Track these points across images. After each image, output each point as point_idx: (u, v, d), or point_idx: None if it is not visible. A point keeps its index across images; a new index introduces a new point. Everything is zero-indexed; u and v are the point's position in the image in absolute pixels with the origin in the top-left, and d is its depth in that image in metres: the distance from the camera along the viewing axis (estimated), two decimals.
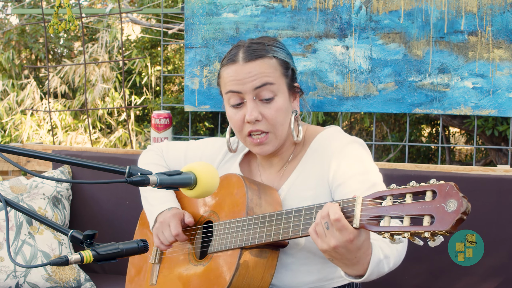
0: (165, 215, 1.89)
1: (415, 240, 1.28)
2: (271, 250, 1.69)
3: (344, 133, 1.82)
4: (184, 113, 7.51)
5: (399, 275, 2.39)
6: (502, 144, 5.46)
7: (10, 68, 8.66)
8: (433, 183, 1.26)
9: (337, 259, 1.43)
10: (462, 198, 1.21)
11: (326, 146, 1.76)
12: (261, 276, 1.68)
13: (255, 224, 1.65)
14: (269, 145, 1.76)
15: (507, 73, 2.49)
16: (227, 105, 1.79)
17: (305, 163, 1.78)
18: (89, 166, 1.35)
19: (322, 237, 1.42)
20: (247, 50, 1.74)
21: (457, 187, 1.23)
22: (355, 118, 7.84)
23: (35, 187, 2.66)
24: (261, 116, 1.72)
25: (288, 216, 1.57)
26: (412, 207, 1.27)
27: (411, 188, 1.30)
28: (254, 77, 1.71)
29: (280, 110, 1.74)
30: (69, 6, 3.06)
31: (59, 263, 1.28)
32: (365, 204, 1.36)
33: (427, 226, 1.23)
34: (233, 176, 1.79)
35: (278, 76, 1.74)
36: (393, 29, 2.60)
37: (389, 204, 1.31)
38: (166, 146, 2.13)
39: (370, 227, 1.33)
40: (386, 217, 1.30)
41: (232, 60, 1.75)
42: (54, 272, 2.49)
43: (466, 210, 1.20)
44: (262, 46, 1.75)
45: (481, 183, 2.30)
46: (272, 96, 1.72)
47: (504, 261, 2.28)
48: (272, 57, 1.74)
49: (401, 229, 1.27)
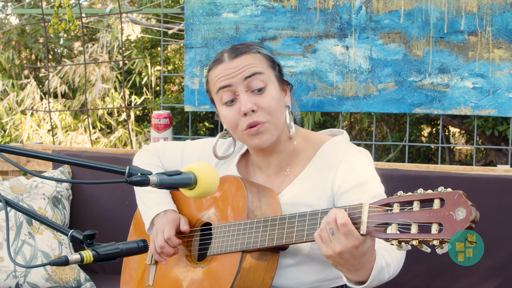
0: (161, 221, 1.88)
1: (423, 247, 1.28)
2: (271, 253, 1.69)
3: (351, 144, 1.82)
4: (184, 113, 7.51)
5: (399, 275, 2.38)
6: (502, 144, 5.46)
7: (10, 68, 8.66)
8: (441, 191, 1.26)
9: (341, 265, 1.43)
10: (471, 207, 1.22)
11: (333, 156, 1.75)
12: (261, 279, 1.67)
13: (257, 227, 1.64)
14: (267, 134, 1.73)
15: (507, 73, 2.49)
16: (219, 105, 1.77)
17: (311, 170, 1.77)
18: (89, 166, 1.35)
19: (327, 242, 1.41)
20: (230, 50, 1.77)
21: (465, 195, 1.23)
22: (355, 118, 7.84)
23: (35, 187, 2.66)
24: (256, 107, 1.70)
25: (292, 221, 1.57)
26: (420, 215, 1.27)
27: (418, 196, 1.29)
28: (243, 69, 1.72)
29: (274, 99, 1.73)
30: (69, 6, 3.06)
31: (59, 263, 1.28)
32: (372, 211, 1.35)
33: (436, 234, 1.23)
34: (232, 177, 1.78)
35: (265, 67, 1.75)
36: (393, 29, 2.60)
37: (397, 211, 1.31)
38: (162, 146, 2.11)
39: (377, 234, 1.33)
40: (393, 224, 1.30)
41: (218, 60, 1.77)
42: (54, 272, 2.49)
43: (475, 218, 1.21)
44: (244, 45, 1.79)
45: (481, 183, 2.30)
46: (263, 86, 1.72)
47: (504, 261, 2.28)
48: (257, 52, 1.77)
49: (409, 236, 1.27)
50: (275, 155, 1.83)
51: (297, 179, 1.78)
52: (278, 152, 1.82)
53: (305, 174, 1.77)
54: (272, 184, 1.83)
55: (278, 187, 1.82)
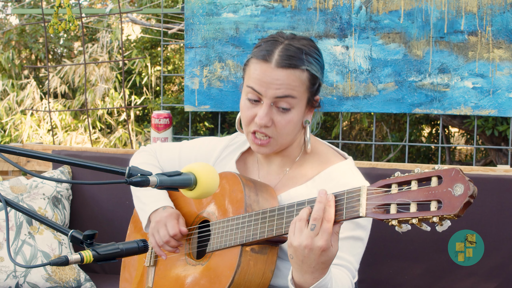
0: (161, 214, 1.86)
1: (423, 226, 1.28)
2: (270, 246, 1.69)
3: (355, 172, 1.79)
4: (184, 113, 7.51)
5: (399, 275, 2.39)
6: (502, 144, 5.46)
7: (10, 68, 8.66)
8: (438, 169, 1.27)
9: (297, 259, 1.44)
10: (469, 182, 1.23)
11: (334, 184, 1.73)
12: (262, 273, 1.67)
13: (255, 220, 1.64)
14: (268, 148, 1.76)
15: (507, 73, 2.49)
16: (244, 95, 1.76)
17: (311, 188, 1.76)
18: (89, 167, 1.35)
19: (298, 233, 1.43)
20: (282, 54, 1.68)
21: (462, 171, 1.24)
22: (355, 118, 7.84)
23: (35, 187, 2.66)
24: (271, 123, 1.70)
25: (290, 210, 1.57)
26: (418, 193, 1.28)
27: (416, 175, 1.30)
28: (279, 86, 1.67)
29: (291, 123, 1.72)
30: (69, 6, 3.06)
31: (59, 263, 1.28)
32: (371, 193, 1.36)
33: (435, 211, 1.24)
34: (228, 174, 1.79)
35: (302, 91, 1.71)
36: (393, 29, 2.60)
37: (395, 191, 1.32)
38: (159, 147, 2.11)
39: (377, 216, 1.34)
40: (392, 205, 1.31)
41: (264, 58, 1.69)
42: (54, 272, 2.49)
43: (473, 193, 1.22)
44: (299, 53, 1.69)
45: (481, 183, 2.30)
46: (289, 108, 1.70)
47: (504, 261, 2.28)
48: (305, 70, 1.69)
49: (409, 215, 1.27)
50: (279, 157, 1.84)
51: (294, 190, 1.78)
52: (283, 156, 1.83)
53: (305, 188, 1.77)
54: (273, 182, 1.84)
55: (279, 187, 1.82)
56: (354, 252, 1.69)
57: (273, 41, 1.72)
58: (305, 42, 1.73)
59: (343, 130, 7.99)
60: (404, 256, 2.36)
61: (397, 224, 1.30)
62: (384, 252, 2.37)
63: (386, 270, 2.38)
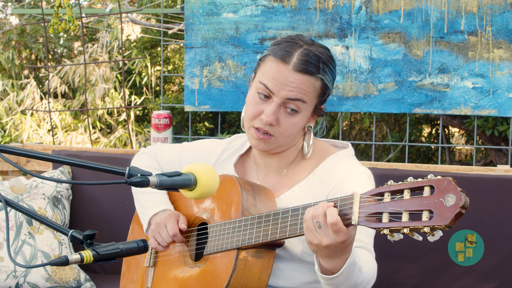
0: (160, 216, 1.88)
1: (414, 235, 1.28)
2: (267, 250, 1.69)
3: (355, 161, 1.82)
4: (184, 113, 7.51)
5: (399, 275, 2.39)
6: (502, 144, 5.46)
7: (10, 68, 8.66)
8: (431, 179, 1.27)
9: (322, 252, 1.46)
10: (461, 193, 1.22)
11: (334, 172, 1.76)
12: (258, 276, 1.68)
13: (251, 224, 1.65)
14: (267, 144, 1.76)
15: (507, 73, 2.49)
16: (253, 89, 1.77)
17: (312, 180, 1.78)
18: (89, 167, 1.35)
19: (313, 231, 1.44)
20: (301, 58, 1.69)
21: (455, 181, 1.24)
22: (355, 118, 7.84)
23: (35, 187, 2.66)
24: (276, 121, 1.72)
25: (285, 216, 1.58)
26: (410, 203, 1.28)
27: (408, 184, 1.30)
28: (293, 89, 1.69)
29: (296, 126, 1.74)
30: (69, 6, 3.06)
31: (59, 263, 1.28)
32: (363, 201, 1.36)
33: (426, 221, 1.24)
34: (226, 177, 1.79)
35: (313, 97, 1.73)
36: (393, 29, 2.60)
37: (388, 200, 1.32)
38: (159, 149, 2.11)
39: (368, 224, 1.34)
40: (384, 214, 1.31)
41: (283, 59, 1.70)
42: (54, 272, 2.49)
43: (465, 204, 1.21)
44: (317, 61, 1.71)
45: (481, 183, 2.30)
46: (297, 110, 1.72)
47: (504, 261, 2.28)
48: (319, 79, 1.72)
49: (400, 225, 1.27)
50: (277, 158, 1.84)
51: (297, 186, 1.79)
52: (281, 157, 1.84)
53: (306, 183, 1.79)
54: (271, 184, 1.84)
55: (278, 189, 1.82)
56: (368, 233, 1.71)
57: (293, 42, 1.73)
58: (322, 50, 1.75)
59: (343, 130, 7.99)
60: (404, 256, 2.36)
61: (389, 233, 1.30)
62: (384, 252, 2.37)
63: (385, 269, 2.38)
